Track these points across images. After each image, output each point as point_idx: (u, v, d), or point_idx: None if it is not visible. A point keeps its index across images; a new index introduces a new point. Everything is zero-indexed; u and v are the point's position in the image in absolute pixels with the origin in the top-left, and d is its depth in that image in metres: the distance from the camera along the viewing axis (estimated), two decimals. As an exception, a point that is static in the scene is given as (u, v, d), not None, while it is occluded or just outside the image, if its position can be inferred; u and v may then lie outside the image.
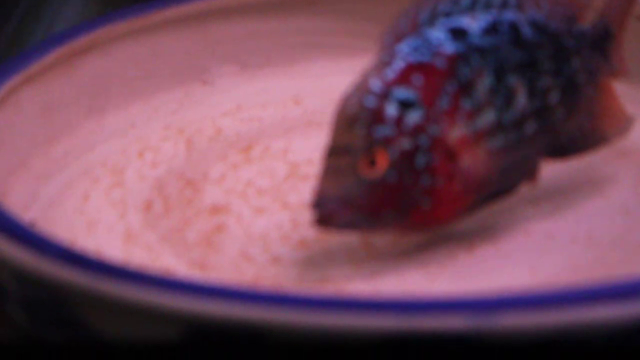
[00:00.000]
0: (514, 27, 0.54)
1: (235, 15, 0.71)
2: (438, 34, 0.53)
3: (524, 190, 0.58)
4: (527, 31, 0.54)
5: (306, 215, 0.56)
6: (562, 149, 0.56)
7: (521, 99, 0.54)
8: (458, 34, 0.53)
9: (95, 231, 0.58)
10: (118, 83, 0.68)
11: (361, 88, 0.52)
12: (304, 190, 0.60)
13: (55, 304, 0.48)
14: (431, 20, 0.54)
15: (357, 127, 0.51)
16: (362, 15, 0.71)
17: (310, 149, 0.63)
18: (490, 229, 0.56)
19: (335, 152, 0.52)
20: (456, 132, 0.52)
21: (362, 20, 0.71)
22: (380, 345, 0.44)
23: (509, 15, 0.54)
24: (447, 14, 0.54)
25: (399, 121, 0.51)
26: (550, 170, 0.60)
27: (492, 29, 0.54)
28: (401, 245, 0.55)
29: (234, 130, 0.67)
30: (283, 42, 0.72)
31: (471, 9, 0.54)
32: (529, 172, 0.55)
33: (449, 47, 0.53)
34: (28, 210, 0.59)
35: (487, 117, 0.53)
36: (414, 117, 0.52)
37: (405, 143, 0.51)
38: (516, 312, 0.44)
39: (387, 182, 0.51)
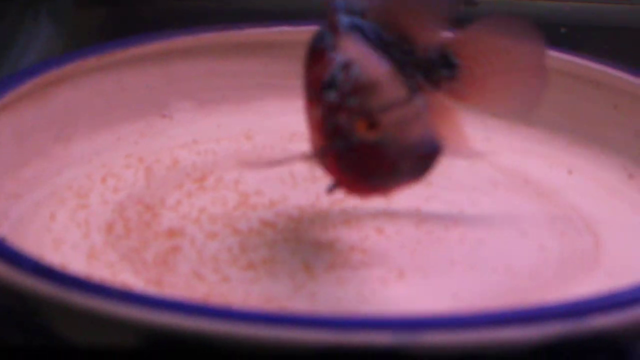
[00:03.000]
0: None
1: (195, 55, 0.74)
2: None
3: (452, 226, 0.63)
4: None
5: (254, 240, 0.60)
6: None
7: None
8: None
9: (61, 248, 0.60)
10: (85, 113, 0.70)
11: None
12: (253, 218, 0.63)
13: (25, 312, 0.51)
14: None
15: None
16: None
17: (259, 180, 0.66)
18: (420, 260, 0.60)
19: None
20: None
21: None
22: (316, 358, 0.47)
23: None
24: None
25: None
26: (476, 208, 0.65)
27: None
28: (338, 271, 0.58)
29: (190, 161, 0.69)
30: (239, 82, 0.75)
31: None
32: None
33: None
34: (-1, 227, 0.61)
35: None
36: None
37: None
38: (436, 331, 0.48)
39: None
